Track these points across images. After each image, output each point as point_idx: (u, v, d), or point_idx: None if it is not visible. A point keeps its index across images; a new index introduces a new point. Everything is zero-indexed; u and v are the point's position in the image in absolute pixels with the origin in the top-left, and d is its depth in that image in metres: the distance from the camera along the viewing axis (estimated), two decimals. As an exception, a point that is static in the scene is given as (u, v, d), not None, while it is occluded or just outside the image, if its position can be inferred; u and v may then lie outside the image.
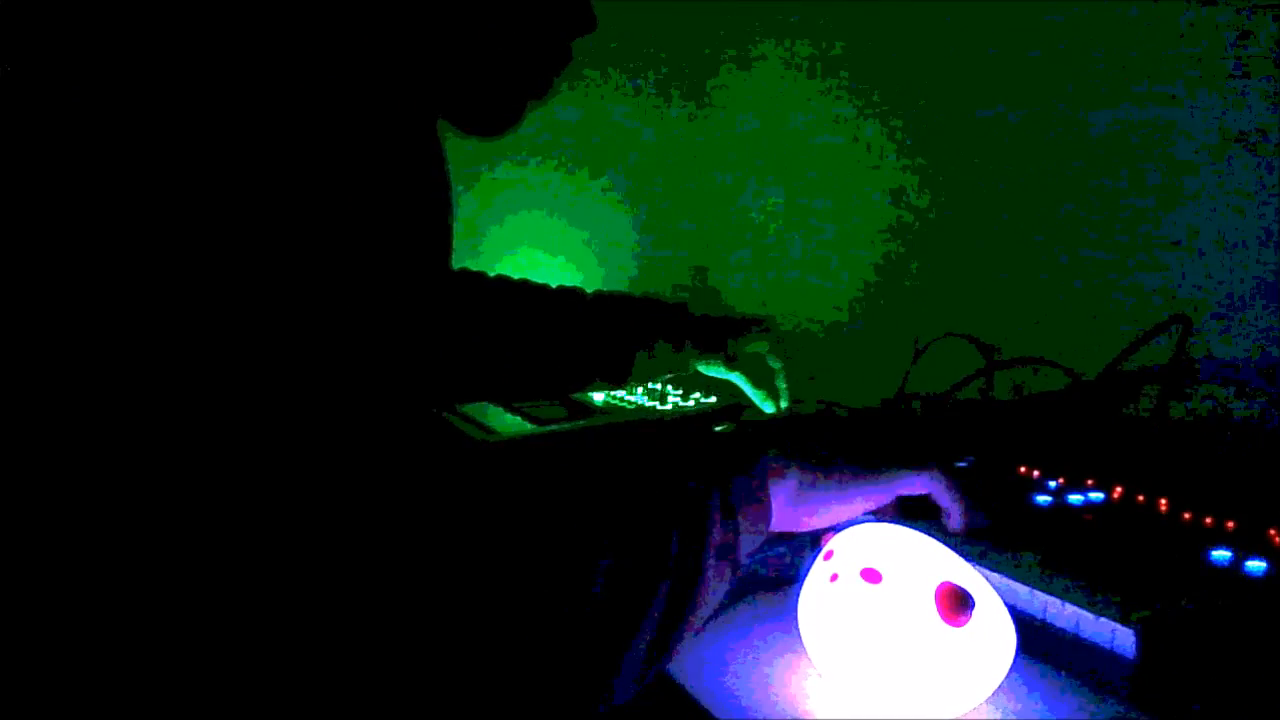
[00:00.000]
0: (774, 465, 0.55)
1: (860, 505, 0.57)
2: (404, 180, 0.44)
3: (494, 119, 0.57)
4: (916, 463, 0.59)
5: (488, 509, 0.44)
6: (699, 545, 0.48)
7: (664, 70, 1.52)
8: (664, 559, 0.47)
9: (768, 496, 0.53)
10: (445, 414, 0.99)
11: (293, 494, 0.38)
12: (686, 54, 1.52)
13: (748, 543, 0.52)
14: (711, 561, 0.49)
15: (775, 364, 0.95)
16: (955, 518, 0.60)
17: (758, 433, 0.60)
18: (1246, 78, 0.81)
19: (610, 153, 1.50)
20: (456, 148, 1.40)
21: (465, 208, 1.39)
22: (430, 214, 0.48)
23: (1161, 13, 0.87)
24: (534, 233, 1.47)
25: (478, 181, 1.42)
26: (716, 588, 0.50)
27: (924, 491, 0.59)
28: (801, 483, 0.55)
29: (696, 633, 0.49)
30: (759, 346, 0.95)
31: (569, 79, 1.46)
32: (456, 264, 0.96)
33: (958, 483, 0.60)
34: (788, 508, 0.55)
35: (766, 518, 0.53)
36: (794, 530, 0.56)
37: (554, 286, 0.95)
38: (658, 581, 0.46)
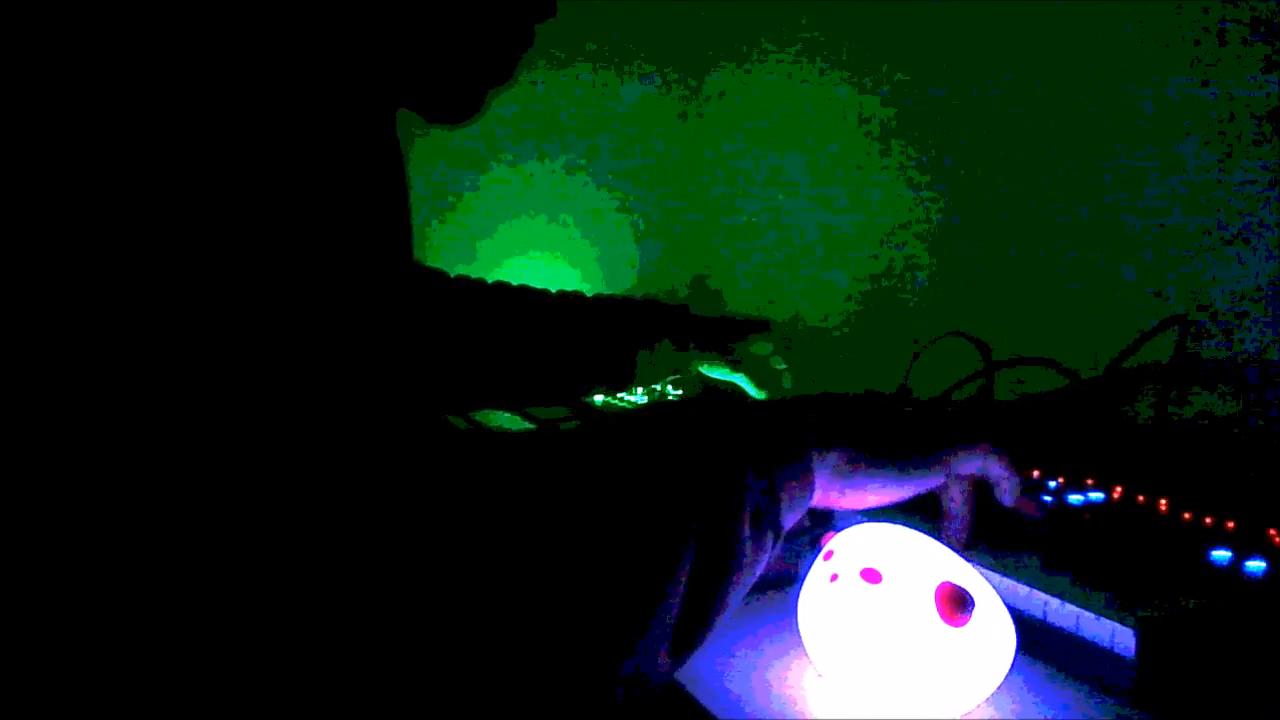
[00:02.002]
0: (818, 439, 0.53)
1: (912, 489, 0.55)
2: (362, 175, 0.44)
3: (458, 106, 0.57)
4: (970, 440, 0.57)
5: (482, 499, 0.43)
6: (735, 510, 0.46)
7: (663, 69, 1.52)
8: (686, 524, 0.44)
9: (812, 472, 0.51)
10: (449, 417, 0.99)
11: (277, 490, 0.38)
12: (686, 53, 1.52)
13: (789, 512, 0.50)
14: (747, 529, 0.47)
15: (779, 365, 0.95)
16: (1009, 492, 0.58)
17: (801, 404, 0.57)
18: (1247, 79, 0.81)
19: (609, 154, 1.50)
20: (454, 151, 1.40)
21: (465, 211, 1.40)
22: (387, 210, 0.48)
23: (1163, 13, 0.87)
24: (534, 235, 1.47)
25: (477, 184, 1.42)
26: (756, 556, 0.48)
27: (978, 467, 0.57)
28: (850, 460, 0.53)
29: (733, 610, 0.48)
30: (763, 348, 0.94)
31: (573, 80, 1.46)
32: (456, 269, 0.96)
33: (1009, 459, 0.58)
34: (834, 484, 0.53)
35: (808, 493, 0.51)
36: (840, 507, 0.54)
37: (554, 292, 0.95)
38: (680, 547, 0.44)
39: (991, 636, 0.50)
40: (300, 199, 0.40)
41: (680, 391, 1.13)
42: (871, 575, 0.50)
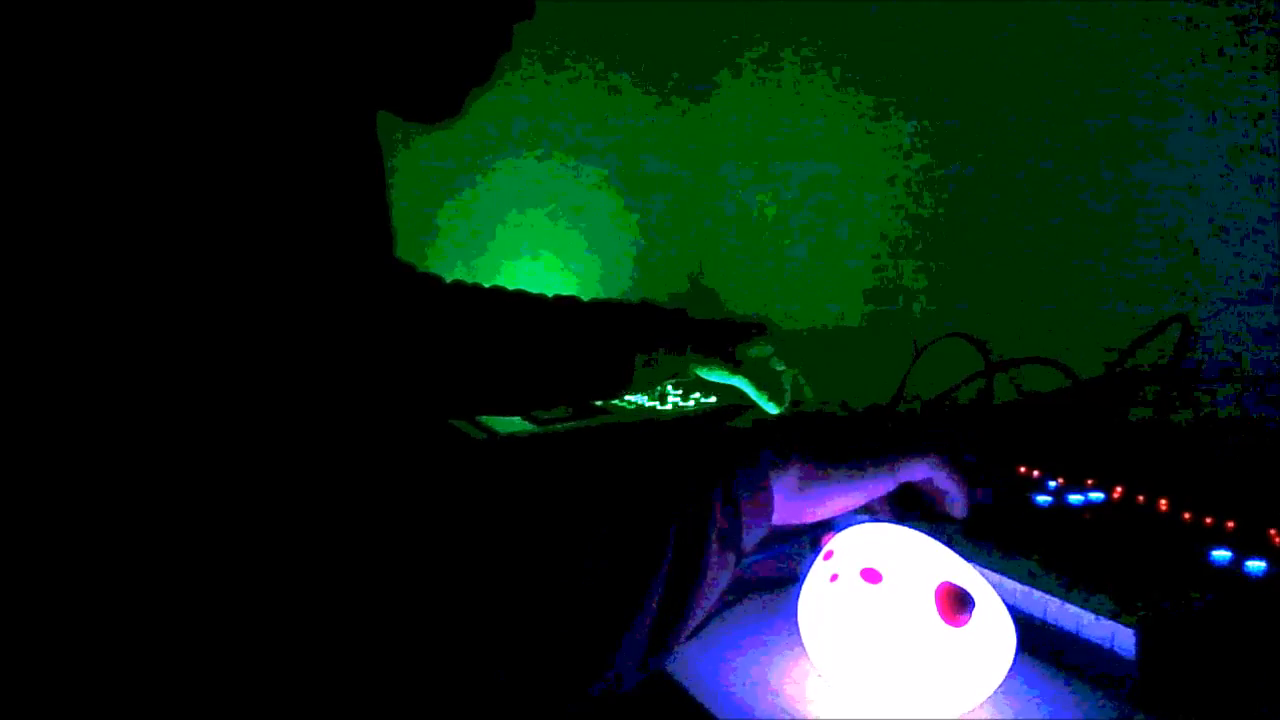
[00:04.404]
0: (775, 458, 0.55)
1: (864, 494, 0.57)
2: (341, 177, 0.44)
3: (436, 106, 0.58)
4: (918, 449, 0.59)
5: (478, 499, 0.44)
6: (700, 530, 0.48)
7: (662, 70, 1.52)
8: (663, 542, 0.47)
9: (769, 488, 0.53)
10: (454, 421, 0.99)
11: (274, 493, 0.38)
12: (685, 53, 1.52)
13: (750, 533, 0.52)
14: (714, 547, 0.49)
15: (779, 365, 0.95)
16: (959, 503, 0.60)
17: (760, 428, 0.59)
18: (1246, 78, 0.81)
19: (609, 154, 1.50)
20: (454, 152, 1.40)
21: (463, 212, 1.40)
22: (367, 212, 0.48)
23: (1162, 13, 0.87)
24: (533, 237, 1.47)
25: (476, 185, 1.42)
26: (719, 575, 0.50)
27: (927, 476, 0.59)
28: (804, 475, 0.55)
29: (700, 624, 0.49)
30: (762, 351, 0.94)
31: (574, 81, 1.46)
32: (455, 270, 0.96)
33: (958, 468, 0.60)
34: (791, 500, 0.54)
35: (768, 509, 0.53)
36: (798, 522, 0.56)
37: (550, 296, 0.94)
38: (657, 563, 0.46)
39: (991, 636, 0.50)
40: (280, 201, 0.40)
41: (680, 391, 1.14)
42: (871, 575, 0.50)
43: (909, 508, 0.64)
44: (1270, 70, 0.79)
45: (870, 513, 0.61)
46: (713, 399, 1.12)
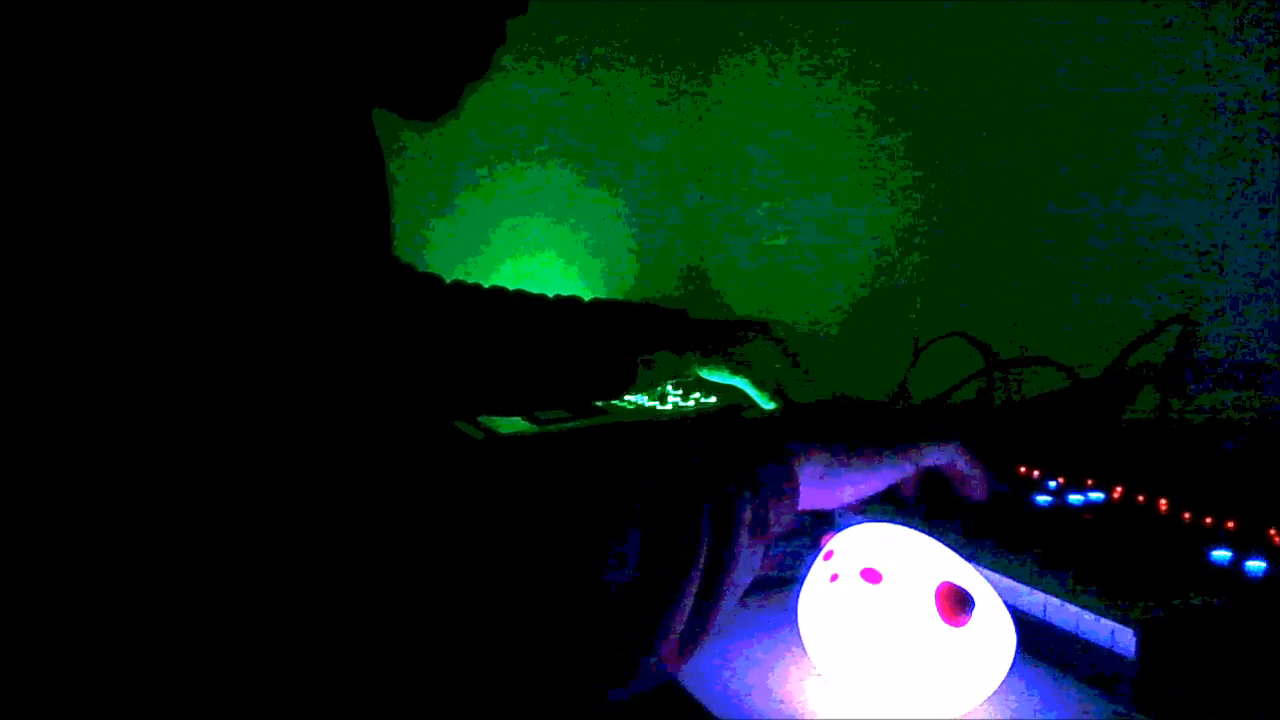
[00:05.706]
0: (799, 446, 0.55)
1: (885, 479, 0.57)
2: (341, 175, 0.44)
3: (432, 102, 0.58)
4: (937, 435, 0.59)
5: (487, 499, 0.44)
6: (730, 522, 0.48)
7: (663, 70, 1.52)
8: (697, 538, 0.46)
9: (796, 475, 0.53)
10: (455, 421, 0.99)
11: (278, 494, 0.38)
12: (687, 55, 1.52)
13: (779, 521, 0.52)
14: (744, 539, 0.49)
15: (779, 366, 0.95)
16: (978, 486, 0.60)
17: (781, 417, 0.59)
18: (1246, 77, 0.81)
19: (611, 155, 1.50)
20: (456, 151, 1.40)
21: (466, 211, 1.40)
22: (368, 209, 0.48)
23: (1162, 14, 0.88)
24: (534, 236, 1.47)
25: (478, 184, 1.42)
26: (750, 563, 0.50)
27: (946, 461, 0.59)
28: (827, 462, 0.55)
29: (730, 611, 0.49)
30: (762, 350, 0.94)
31: (576, 81, 1.46)
32: (456, 269, 0.96)
33: (975, 453, 0.60)
34: (815, 486, 0.55)
35: (795, 496, 0.53)
36: (821, 508, 0.56)
37: (551, 296, 0.94)
38: (693, 558, 0.46)
39: (991, 636, 0.50)
40: (278, 200, 0.40)
41: (680, 391, 1.14)
42: (871, 575, 0.50)
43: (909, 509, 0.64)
44: (1270, 69, 0.79)
45: (899, 502, 0.62)
46: (713, 399, 1.12)
